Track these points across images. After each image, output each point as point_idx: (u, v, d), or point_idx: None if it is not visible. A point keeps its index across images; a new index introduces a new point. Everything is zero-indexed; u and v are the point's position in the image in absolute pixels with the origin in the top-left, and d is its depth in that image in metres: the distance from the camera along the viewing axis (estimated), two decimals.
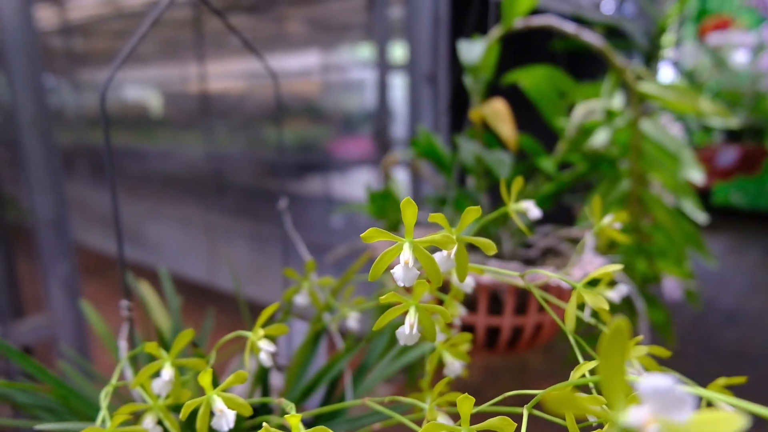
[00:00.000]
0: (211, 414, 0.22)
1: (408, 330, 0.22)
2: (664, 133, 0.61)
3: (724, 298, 2.30)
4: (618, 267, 0.26)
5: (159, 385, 0.24)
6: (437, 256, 0.22)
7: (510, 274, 0.26)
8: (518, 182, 0.28)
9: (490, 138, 0.59)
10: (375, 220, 0.63)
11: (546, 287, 0.52)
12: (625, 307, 0.70)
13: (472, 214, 0.21)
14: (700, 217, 0.63)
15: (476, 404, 0.22)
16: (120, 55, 0.32)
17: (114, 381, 0.25)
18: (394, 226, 0.52)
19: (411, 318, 0.22)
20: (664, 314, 0.73)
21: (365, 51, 3.09)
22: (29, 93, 1.08)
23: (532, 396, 0.21)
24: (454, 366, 0.26)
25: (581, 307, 0.34)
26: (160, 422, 0.24)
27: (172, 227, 3.27)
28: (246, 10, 3.14)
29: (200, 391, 0.22)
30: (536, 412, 0.22)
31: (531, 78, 0.60)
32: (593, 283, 0.45)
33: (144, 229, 3.32)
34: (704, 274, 2.54)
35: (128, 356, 0.27)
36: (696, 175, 0.61)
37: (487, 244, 0.22)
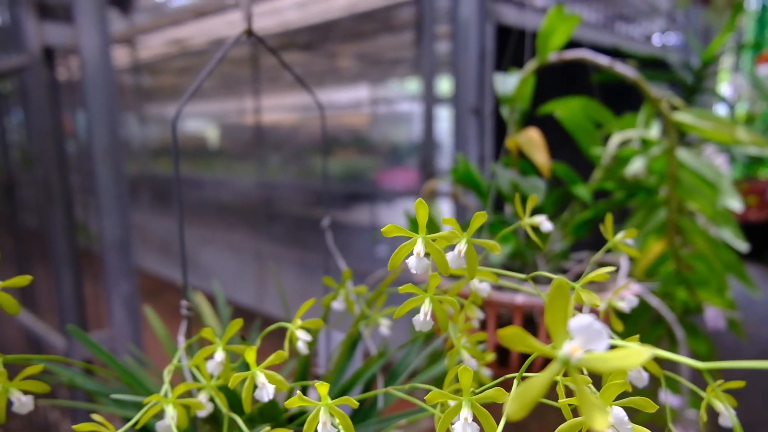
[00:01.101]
0: (255, 387, 0.25)
1: (423, 317, 0.25)
2: (701, 161, 0.61)
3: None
4: (609, 269, 0.28)
5: (212, 366, 0.28)
6: (450, 255, 0.25)
7: (517, 289, 0.28)
8: (533, 200, 0.31)
9: (526, 165, 0.61)
10: None
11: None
12: (665, 335, 0.69)
13: (480, 219, 0.23)
14: (741, 245, 0.62)
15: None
16: (188, 90, 0.37)
17: (174, 363, 0.29)
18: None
19: (426, 307, 0.25)
20: (707, 345, 0.71)
21: (413, 84, 3.17)
22: (104, 126, 1.19)
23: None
24: (471, 363, 0.28)
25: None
26: (211, 399, 0.28)
27: (223, 253, 3.39)
28: (300, 47, 3.29)
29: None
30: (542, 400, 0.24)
31: (566, 108, 0.62)
32: (635, 310, 0.46)
33: (197, 255, 3.45)
34: (748, 302, 2.41)
35: (186, 345, 0.31)
36: (735, 204, 0.61)
37: (492, 245, 0.25)
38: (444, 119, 2.12)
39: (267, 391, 0.26)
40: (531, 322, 0.55)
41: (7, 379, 0.26)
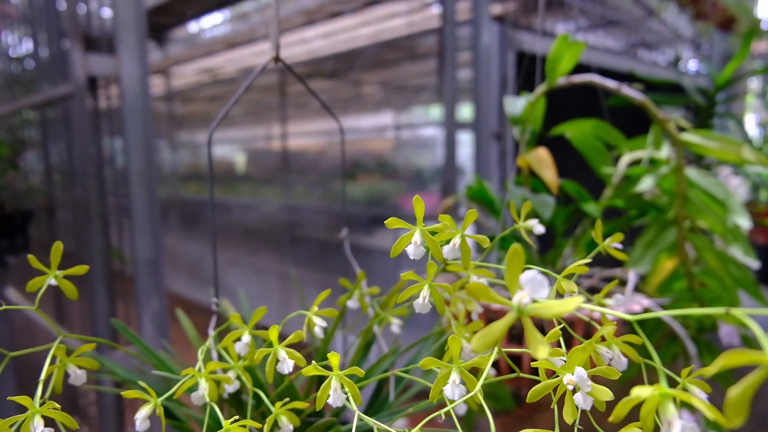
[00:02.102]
0: (276, 362, 0.29)
1: (422, 300, 0.28)
2: (710, 180, 0.63)
3: None
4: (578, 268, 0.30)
5: (240, 346, 0.31)
6: (446, 248, 0.28)
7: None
8: (527, 206, 0.34)
9: (537, 183, 0.63)
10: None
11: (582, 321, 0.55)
12: (681, 353, 0.70)
13: (472, 216, 0.26)
14: (752, 262, 0.63)
15: None
16: (223, 109, 0.41)
17: (206, 345, 0.32)
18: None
19: (424, 292, 0.28)
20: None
21: (436, 110, 3.22)
22: (140, 150, 1.25)
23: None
24: (466, 348, 0.31)
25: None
26: (238, 377, 0.31)
27: (248, 276, 3.45)
28: (326, 75, 3.39)
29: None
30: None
31: (577, 130, 0.65)
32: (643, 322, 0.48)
33: (223, 276, 3.52)
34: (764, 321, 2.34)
35: (215, 333, 0.34)
36: (744, 222, 0.62)
37: (483, 239, 0.28)
38: (466, 144, 2.16)
39: (287, 365, 0.29)
40: (542, 331, 0.57)
41: (65, 355, 0.29)
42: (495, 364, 0.63)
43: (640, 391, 0.21)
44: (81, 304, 1.49)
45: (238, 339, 0.31)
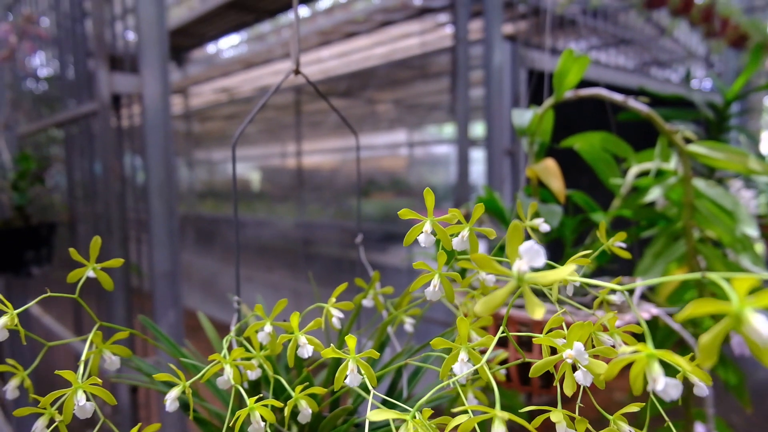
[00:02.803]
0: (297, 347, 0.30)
1: (432, 288, 0.30)
2: (718, 190, 0.64)
3: None
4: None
5: (262, 336, 0.33)
6: (455, 240, 0.29)
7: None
8: (533, 206, 0.35)
9: (545, 193, 0.65)
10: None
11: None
12: (689, 353, 0.70)
13: (480, 210, 0.28)
14: (762, 272, 0.63)
15: None
16: (245, 121, 0.43)
17: (230, 335, 0.34)
18: (463, 271, 0.60)
19: (435, 281, 0.30)
20: (737, 376, 0.71)
21: (450, 128, 3.25)
22: (160, 164, 1.29)
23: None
24: (474, 336, 0.32)
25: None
26: (260, 366, 0.33)
27: (262, 292, 3.47)
28: (341, 94, 3.45)
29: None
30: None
31: (586, 142, 0.67)
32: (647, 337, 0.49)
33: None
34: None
35: (237, 326, 0.36)
36: (752, 232, 0.63)
37: (490, 232, 0.30)
38: (479, 162, 2.18)
39: (307, 350, 0.31)
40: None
41: (102, 341, 0.31)
42: (506, 375, 0.64)
43: (626, 350, 0.23)
44: (99, 317, 1.52)
45: (261, 329, 0.33)
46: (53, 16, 1.62)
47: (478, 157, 2.12)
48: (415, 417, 0.24)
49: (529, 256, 0.19)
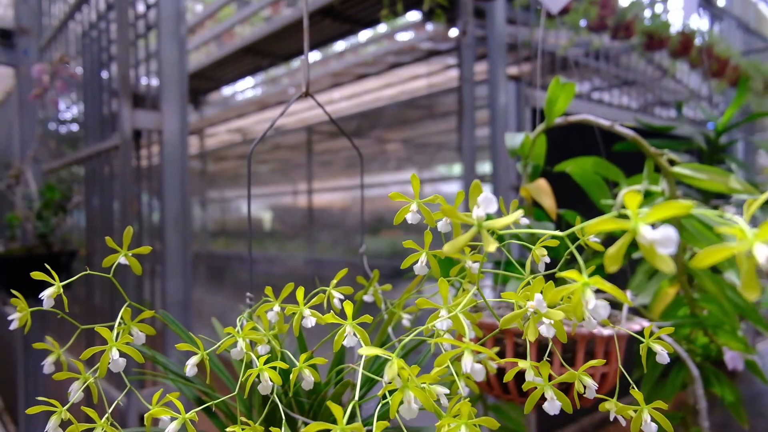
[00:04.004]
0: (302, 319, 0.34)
1: (420, 264, 0.33)
2: (705, 210, 0.67)
3: None
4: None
5: (271, 315, 0.37)
6: (440, 222, 0.33)
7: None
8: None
9: (540, 213, 0.68)
10: None
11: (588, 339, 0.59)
12: (690, 380, 0.71)
13: (461, 196, 0.32)
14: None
15: None
16: (263, 132, 0.48)
17: (243, 315, 0.37)
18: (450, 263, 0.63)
19: (423, 258, 0.34)
20: (732, 393, 0.73)
21: (458, 168, 3.31)
22: (177, 196, 1.35)
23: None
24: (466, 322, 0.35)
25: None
26: (268, 342, 0.36)
27: None
28: (350, 133, 3.55)
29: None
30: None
31: (578, 166, 0.71)
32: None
33: None
34: None
35: (248, 311, 0.40)
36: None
37: (468, 216, 0.33)
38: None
39: (310, 321, 0.34)
40: (546, 349, 0.61)
41: (130, 319, 0.35)
42: (504, 387, 0.66)
43: (564, 275, 0.27)
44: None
45: (270, 309, 0.37)
46: (81, 59, 1.72)
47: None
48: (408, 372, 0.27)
49: (486, 204, 0.23)
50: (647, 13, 2.38)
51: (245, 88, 3.83)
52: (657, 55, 2.86)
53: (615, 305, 0.66)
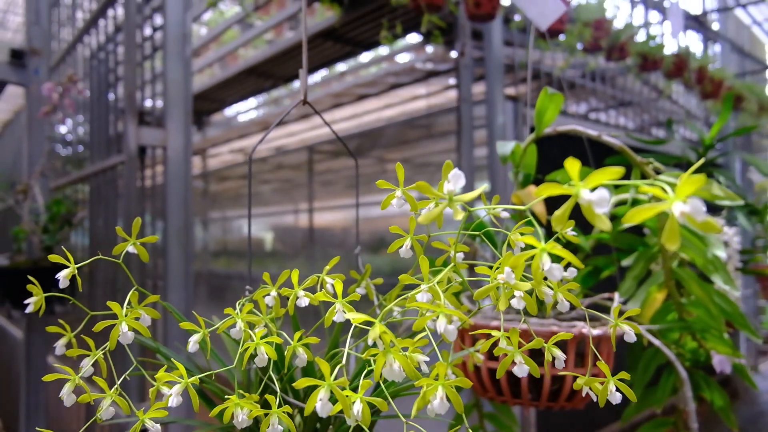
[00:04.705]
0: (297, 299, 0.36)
1: (405, 248, 0.36)
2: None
3: None
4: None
5: (268, 299, 0.39)
6: (423, 210, 0.36)
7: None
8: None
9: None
10: None
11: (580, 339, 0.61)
12: (680, 384, 0.73)
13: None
14: (734, 292, 0.68)
15: None
16: (268, 130, 0.50)
17: (242, 300, 0.39)
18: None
19: (407, 243, 0.36)
20: (722, 398, 0.74)
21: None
22: (180, 210, 1.38)
23: None
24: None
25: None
26: (266, 325, 0.38)
27: None
28: (349, 154, 3.59)
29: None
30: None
31: (566, 175, 0.74)
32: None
33: None
34: None
35: (248, 297, 0.42)
36: (721, 254, 0.68)
37: (457, 211, 0.36)
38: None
39: (303, 301, 0.37)
40: (539, 352, 0.62)
41: (137, 302, 0.37)
42: (498, 388, 0.68)
43: (524, 240, 0.29)
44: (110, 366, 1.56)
45: (268, 294, 0.39)
46: (89, 80, 1.77)
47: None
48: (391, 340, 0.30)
49: (455, 180, 0.26)
50: (641, 35, 2.44)
51: (248, 109, 3.89)
52: (653, 76, 2.91)
53: (604, 309, 0.68)
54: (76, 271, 0.42)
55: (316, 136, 3.49)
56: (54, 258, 0.38)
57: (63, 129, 1.99)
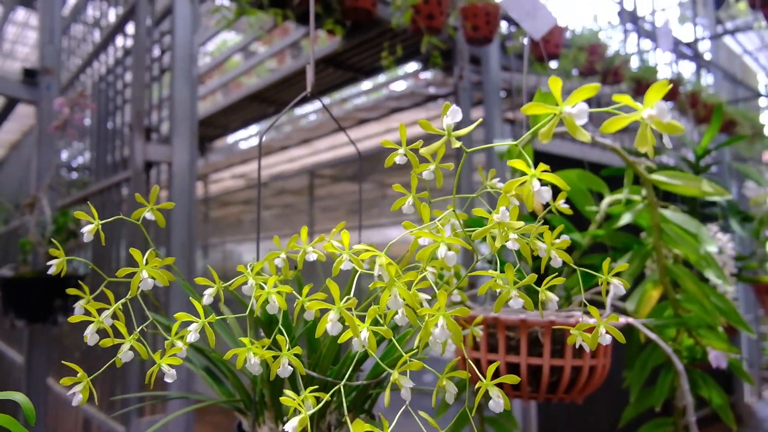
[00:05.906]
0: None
1: (407, 205, 0.38)
2: (682, 216, 0.72)
3: None
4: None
5: (278, 261, 0.41)
6: (425, 173, 0.38)
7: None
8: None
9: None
10: None
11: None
12: (679, 383, 0.74)
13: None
14: (727, 287, 0.69)
15: None
16: (274, 118, 0.53)
17: (252, 263, 0.41)
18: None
19: (410, 200, 0.38)
20: (720, 396, 0.75)
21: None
22: (183, 224, 1.40)
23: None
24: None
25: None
26: (275, 285, 0.40)
27: None
28: (349, 178, 3.64)
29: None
30: None
31: (564, 177, 0.76)
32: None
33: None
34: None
35: (253, 268, 0.44)
36: (713, 249, 0.70)
37: (449, 165, 0.38)
38: None
39: (311, 257, 0.39)
40: (537, 341, 0.63)
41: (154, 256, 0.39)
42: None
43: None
44: (112, 383, 1.55)
45: (277, 257, 0.41)
46: (97, 101, 1.82)
47: None
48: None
49: (452, 114, 0.28)
50: (634, 61, 2.51)
51: (249, 135, 3.95)
52: None
53: (600, 305, 0.69)
54: (83, 279, 0.43)
55: (316, 162, 3.54)
56: (54, 252, 0.40)
57: (65, 155, 2.04)
